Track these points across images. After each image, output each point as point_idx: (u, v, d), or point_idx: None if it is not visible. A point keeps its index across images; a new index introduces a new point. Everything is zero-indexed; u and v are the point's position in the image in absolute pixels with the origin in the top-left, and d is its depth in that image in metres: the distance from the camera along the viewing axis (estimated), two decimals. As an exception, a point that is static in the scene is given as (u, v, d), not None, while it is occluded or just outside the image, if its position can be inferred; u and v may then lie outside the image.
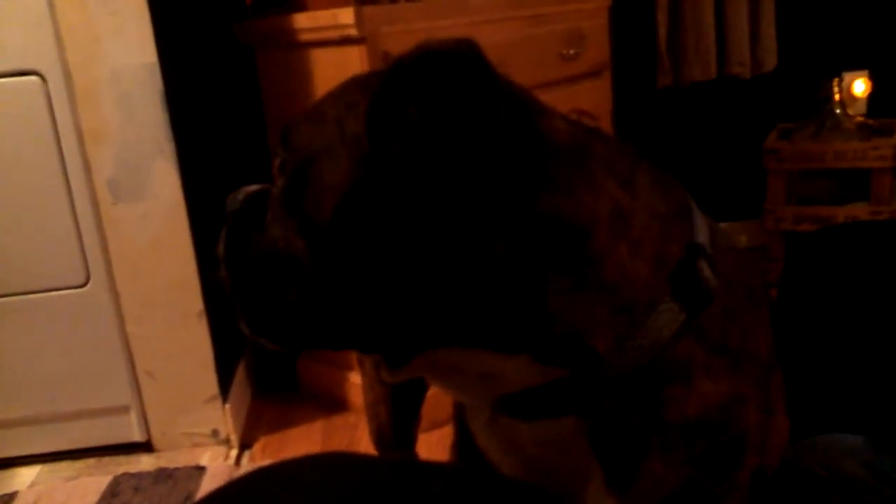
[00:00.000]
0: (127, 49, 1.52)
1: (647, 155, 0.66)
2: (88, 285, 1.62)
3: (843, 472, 0.62)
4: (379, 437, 1.18)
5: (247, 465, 1.66)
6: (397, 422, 1.13)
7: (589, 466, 0.63)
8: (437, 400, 0.91)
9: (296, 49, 1.69)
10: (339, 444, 1.70)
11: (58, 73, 1.51)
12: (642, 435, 0.60)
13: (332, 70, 1.64)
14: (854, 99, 2.40)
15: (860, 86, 2.41)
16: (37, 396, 1.68)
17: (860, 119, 2.30)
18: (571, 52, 1.95)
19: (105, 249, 1.60)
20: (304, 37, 1.65)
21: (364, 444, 1.65)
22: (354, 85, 0.62)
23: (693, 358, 0.61)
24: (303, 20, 1.65)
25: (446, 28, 1.63)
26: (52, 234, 1.59)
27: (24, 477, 1.67)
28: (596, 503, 0.64)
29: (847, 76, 2.38)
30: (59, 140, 1.54)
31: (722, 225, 0.71)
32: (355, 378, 1.78)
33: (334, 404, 1.86)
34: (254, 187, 0.67)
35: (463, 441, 0.85)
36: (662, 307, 0.60)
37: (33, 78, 1.51)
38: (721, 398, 0.61)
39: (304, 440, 1.74)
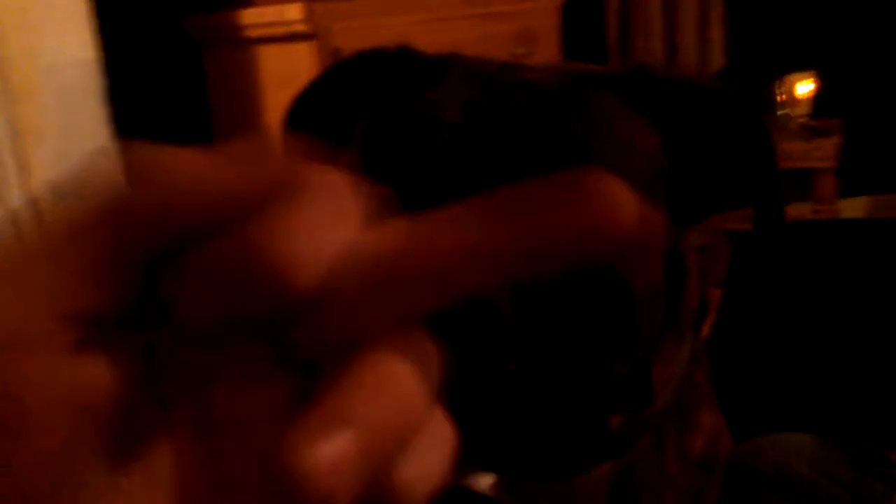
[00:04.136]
0: (65, 43, 1.47)
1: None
2: (27, 287, 1.57)
3: (792, 471, 0.62)
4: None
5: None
6: None
7: None
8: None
9: (243, 45, 1.66)
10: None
11: (-7, 67, 1.45)
12: (665, 476, 0.55)
13: (280, 67, 1.61)
14: (797, 100, 2.44)
15: (803, 87, 2.45)
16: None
17: (803, 120, 2.35)
18: (523, 51, 1.95)
19: (44, 250, 1.55)
20: (252, 33, 1.62)
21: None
22: None
23: (702, 386, 0.57)
24: (251, 16, 1.62)
25: (398, 25, 1.62)
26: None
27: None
28: None
29: (789, 78, 2.42)
30: (-6, 137, 1.48)
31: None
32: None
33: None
34: None
35: None
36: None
37: (-33, 72, 1.45)
38: (718, 429, 0.58)
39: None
